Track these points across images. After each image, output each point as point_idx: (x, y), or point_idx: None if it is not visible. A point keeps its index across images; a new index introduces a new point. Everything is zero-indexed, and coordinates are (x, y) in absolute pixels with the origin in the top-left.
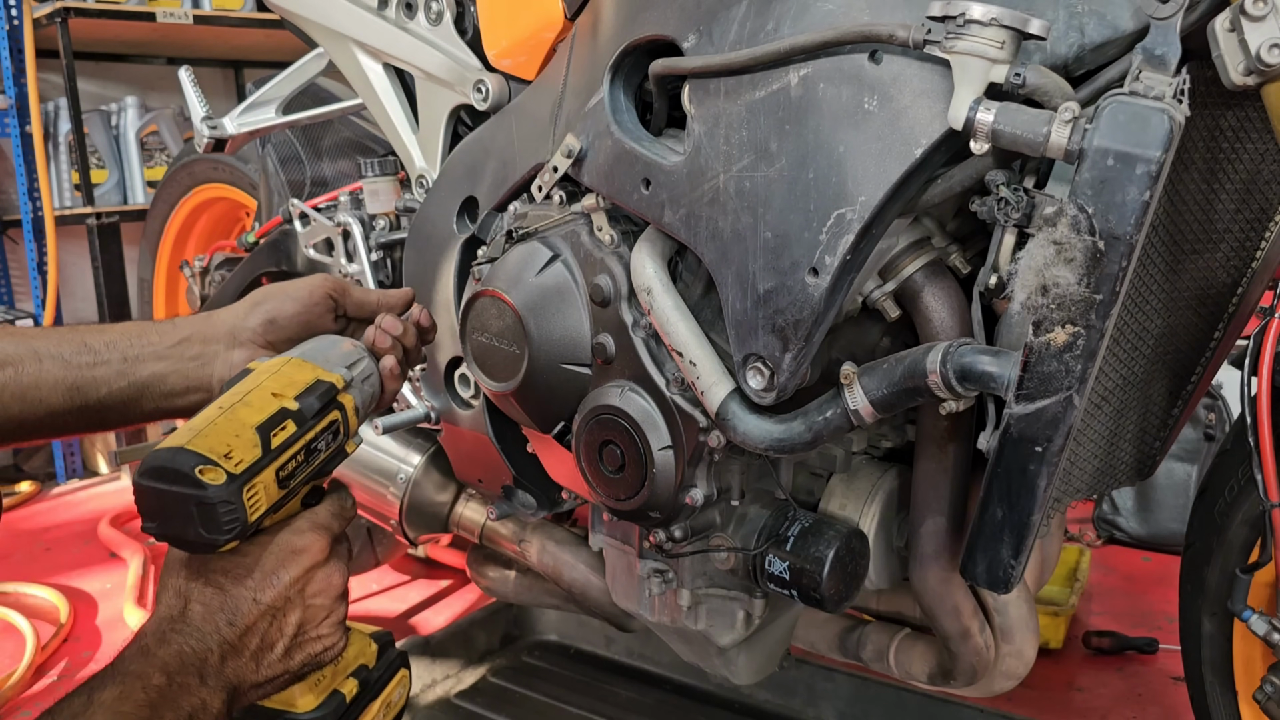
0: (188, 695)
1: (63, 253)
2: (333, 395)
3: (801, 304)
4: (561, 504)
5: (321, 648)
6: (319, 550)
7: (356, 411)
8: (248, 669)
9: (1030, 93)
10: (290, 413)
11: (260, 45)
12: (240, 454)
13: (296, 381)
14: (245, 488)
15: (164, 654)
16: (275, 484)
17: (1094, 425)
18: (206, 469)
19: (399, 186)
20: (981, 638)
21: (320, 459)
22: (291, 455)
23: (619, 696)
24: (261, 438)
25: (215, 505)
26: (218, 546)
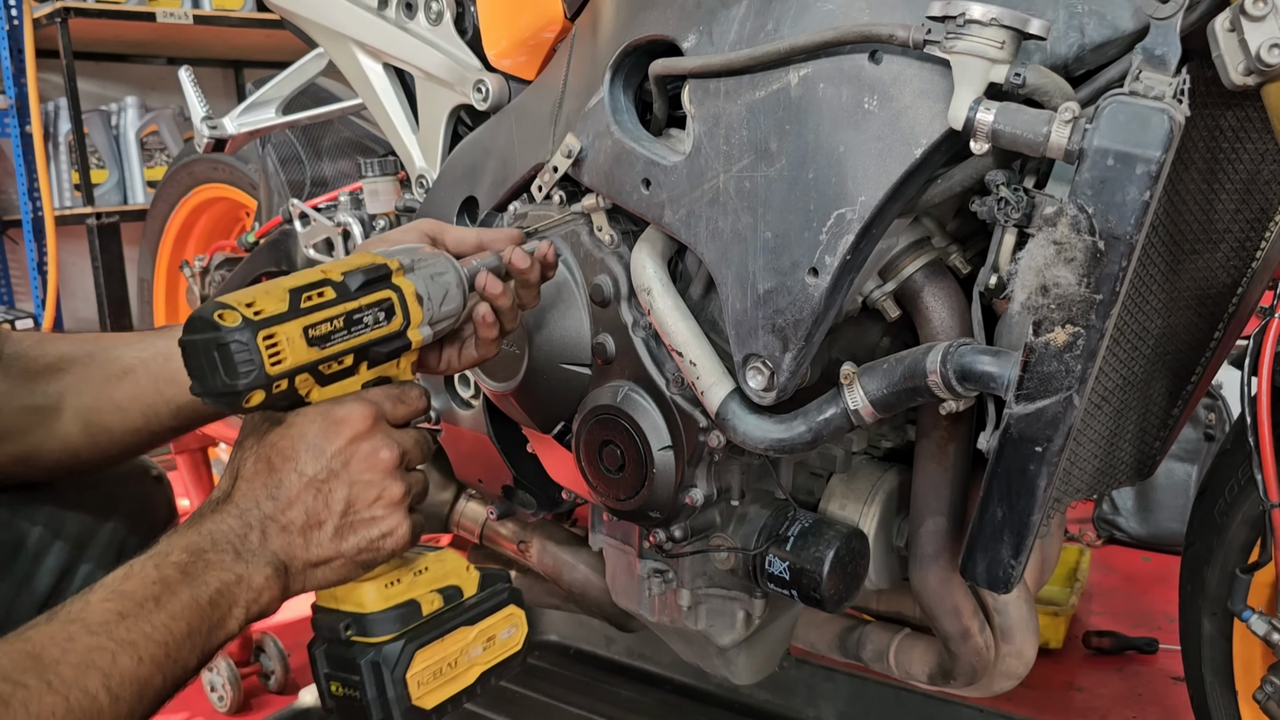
0: (215, 571)
1: (63, 253)
2: (383, 274)
3: (801, 304)
4: (561, 504)
5: (378, 531)
6: (360, 419)
7: (419, 299)
8: (296, 545)
9: (1030, 93)
10: (331, 282)
11: (260, 45)
12: (263, 305)
13: (351, 262)
14: (262, 333)
15: (191, 534)
16: (303, 341)
17: (1094, 425)
18: (226, 313)
19: (399, 186)
20: (981, 638)
21: (368, 334)
22: (325, 318)
23: (619, 696)
24: (291, 296)
25: (229, 345)
26: (240, 394)
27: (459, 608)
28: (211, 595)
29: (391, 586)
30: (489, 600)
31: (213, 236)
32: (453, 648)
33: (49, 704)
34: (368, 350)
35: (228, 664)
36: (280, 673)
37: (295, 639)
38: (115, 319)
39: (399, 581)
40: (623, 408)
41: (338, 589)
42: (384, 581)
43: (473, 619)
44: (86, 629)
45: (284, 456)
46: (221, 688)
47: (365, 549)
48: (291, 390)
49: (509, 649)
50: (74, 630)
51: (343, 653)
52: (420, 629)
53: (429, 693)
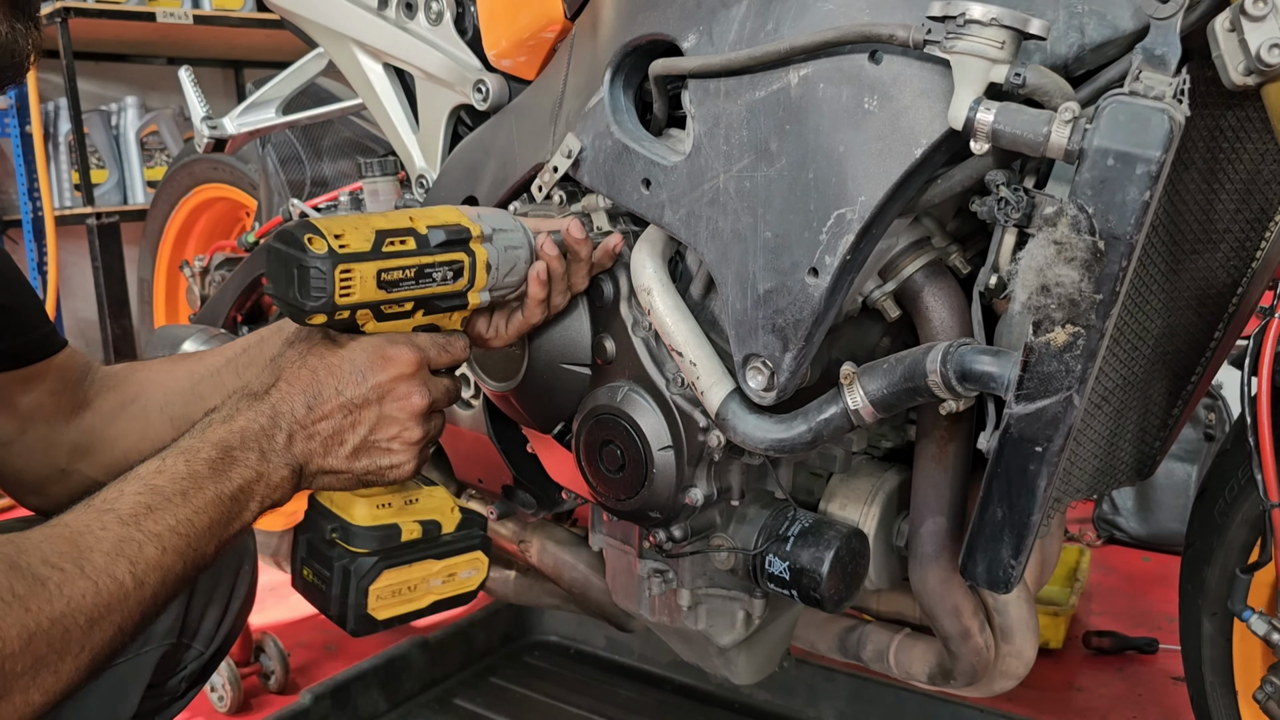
0: (239, 468)
1: (63, 253)
2: (463, 238)
3: (801, 304)
4: (561, 504)
5: (388, 462)
6: (406, 362)
7: (488, 268)
8: (316, 453)
9: (1030, 93)
10: (415, 233)
11: (260, 45)
12: (350, 240)
13: (439, 217)
14: (340, 266)
15: (224, 430)
16: (374, 282)
17: (1094, 425)
18: (315, 238)
19: (399, 186)
20: (981, 638)
21: (433, 289)
22: (400, 266)
23: (619, 696)
24: (376, 238)
25: (309, 269)
26: (305, 312)
27: (433, 541)
28: (234, 491)
29: (381, 508)
30: (461, 541)
31: (213, 236)
32: (416, 574)
33: (81, 587)
34: (428, 301)
35: (228, 664)
36: (280, 673)
37: (295, 639)
38: (115, 319)
39: (389, 505)
40: (623, 408)
41: (335, 494)
42: (376, 502)
43: (441, 554)
44: (119, 519)
45: (330, 372)
46: (221, 688)
47: (372, 472)
48: (351, 320)
49: (465, 587)
50: (107, 520)
51: (324, 549)
52: (394, 551)
53: (384, 607)
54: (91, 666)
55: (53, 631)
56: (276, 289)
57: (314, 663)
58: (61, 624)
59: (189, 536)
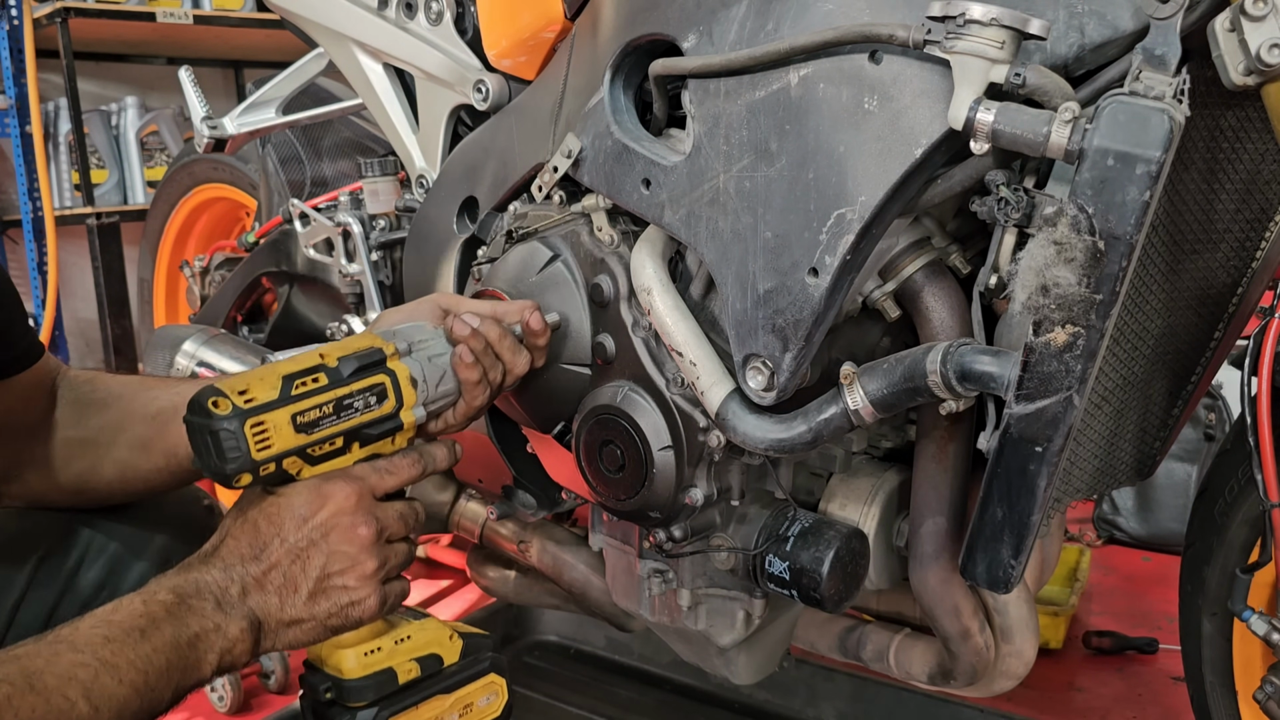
0: (196, 617)
1: (63, 253)
2: (378, 359)
3: (801, 304)
4: (561, 504)
5: (348, 599)
6: (344, 498)
7: (413, 382)
8: (272, 605)
9: (1030, 93)
10: (325, 368)
11: (260, 45)
12: (255, 393)
13: (349, 346)
14: (250, 421)
15: (179, 579)
16: (290, 427)
17: (1094, 425)
18: (220, 400)
19: (399, 186)
20: (981, 638)
21: (358, 418)
22: (315, 405)
23: (619, 696)
24: (283, 384)
25: (219, 433)
26: (228, 476)
27: (437, 676)
28: (190, 637)
29: (370, 655)
30: (469, 669)
31: (213, 236)
32: (427, 715)
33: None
34: (359, 433)
35: None
36: (280, 673)
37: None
38: (115, 319)
39: (379, 650)
40: (623, 408)
41: (323, 649)
42: (363, 649)
43: (450, 687)
44: (72, 647)
45: (270, 522)
46: (221, 688)
47: (335, 614)
48: (280, 471)
49: (488, 715)
50: (60, 648)
51: (322, 711)
52: (395, 697)
53: None
54: None
55: None
56: (201, 461)
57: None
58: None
59: (146, 674)
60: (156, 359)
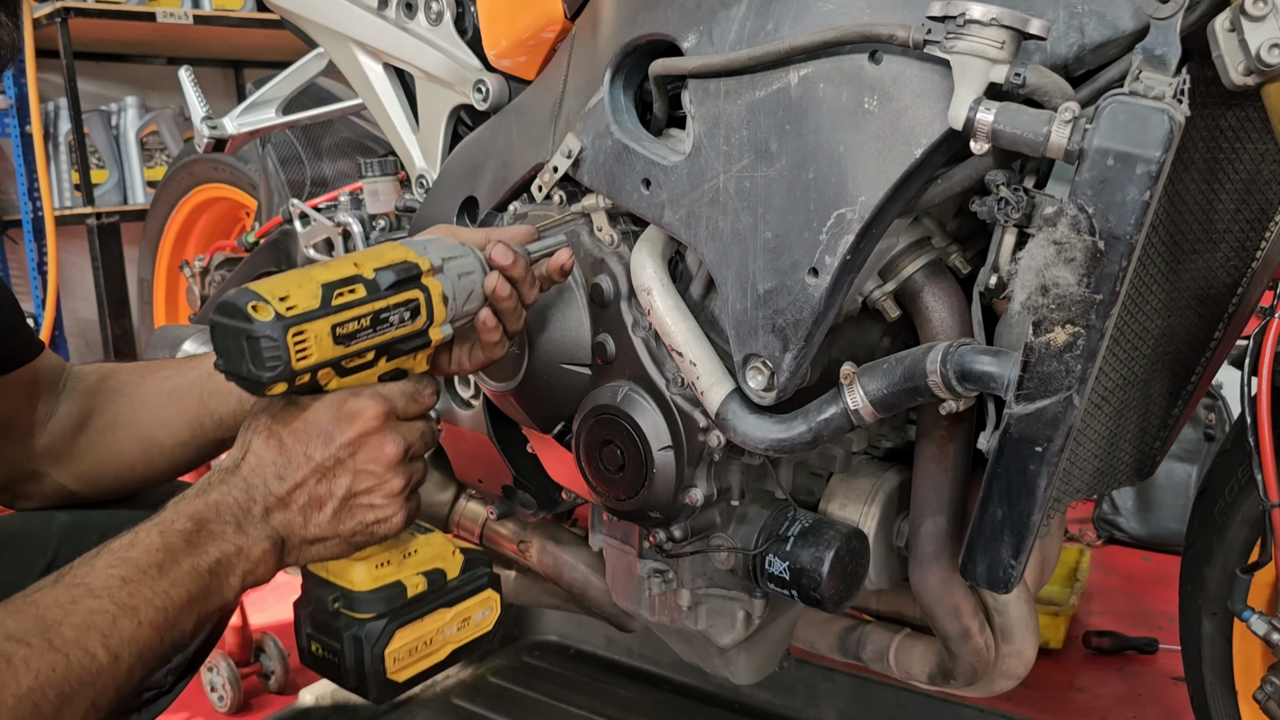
0: (216, 542)
1: (63, 253)
2: (414, 274)
3: (801, 304)
4: (561, 504)
5: (374, 517)
6: (372, 415)
7: (445, 300)
8: (296, 524)
9: (1030, 93)
10: (363, 279)
11: (260, 45)
12: (296, 300)
13: (383, 257)
14: (292, 330)
15: (198, 503)
16: (330, 338)
17: (1094, 425)
18: (259, 306)
19: (399, 186)
20: (981, 638)
21: (392, 333)
22: (354, 317)
23: (619, 696)
24: (324, 293)
25: (259, 340)
26: (263, 384)
27: (441, 590)
28: (211, 564)
29: (381, 568)
30: (469, 584)
31: (213, 236)
32: (430, 627)
33: (49, 661)
34: (389, 346)
35: (228, 664)
36: (280, 673)
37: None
38: (115, 319)
39: (389, 563)
40: (623, 408)
41: (331, 564)
42: (375, 562)
43: (451, 601)
44: (89, 592)
45: (296, 438)
46: (221, 688)
47: (359, 532)
48: (313, 382)
49: (481, 629)
50: (77, 593)
51: (328, 620)
52: (403, 609)
53: (403, 668)
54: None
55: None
56: (229, 365)
57: None
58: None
59: (166, 610)
60: (156, 359)
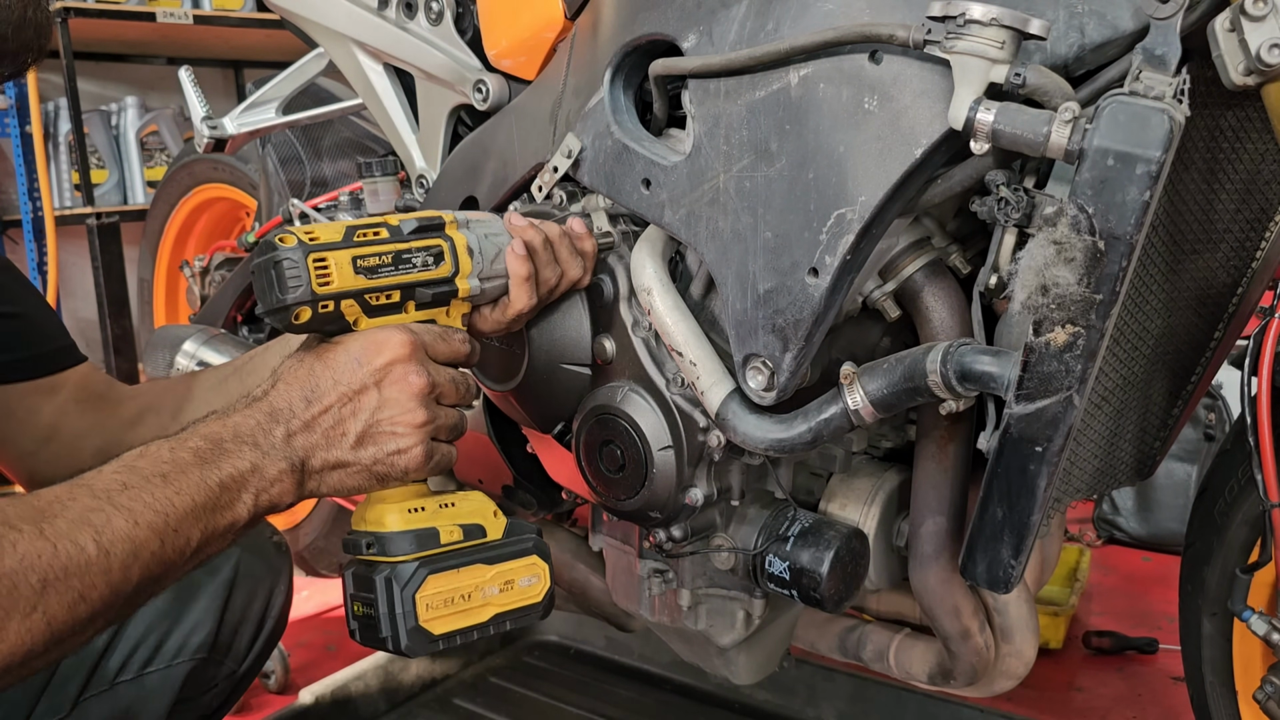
0: (230, 458)
1: (63, 253)
2: (437, 224)
3: (801, 304)
4: (561, 504)
5: (394, 446)
6: (400, 343)
7: (470, 252)
8: (318, 446)
9: (1030, 93)
10: (387, 225)
11: (260, 45)
12: (320, 234)
13: (412, 215)
14: (312, 255)
15: (215, 424)
16: (351, 268)
17: (1094, 425)
18: (285, 236)
19: (399, 186)
20: (981, 638)
21: (415, 274)
22: (375, 253)
23: (619, 696)
24: (347, 231)
25: (281, 263)
26: (288, 308)
27: (480, 546)
28: (222, 479)
29: (415, 513)
30: (512, 545)
31: (213, 236)
32: (467, 581)
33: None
34: (414, 290)
35: None
36: (280, 673)
37: (295, 639)
38: (115, 319)
39: (423, 509)
40: (623, 408)
41: (367, 512)
42: (408, 506)
43: (491, 559)
44: (90, 492)
45: (326, 365)
46: None
47: (380, 460)
48: (338, 313)
49: (528, 598)
50: (78, 492)
51: (364, 572)
52: (437, 556)
53: (438, 618)
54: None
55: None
56: (262, 300)
57: (314, 663)
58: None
59: (167, 515)
60: (156, 359)
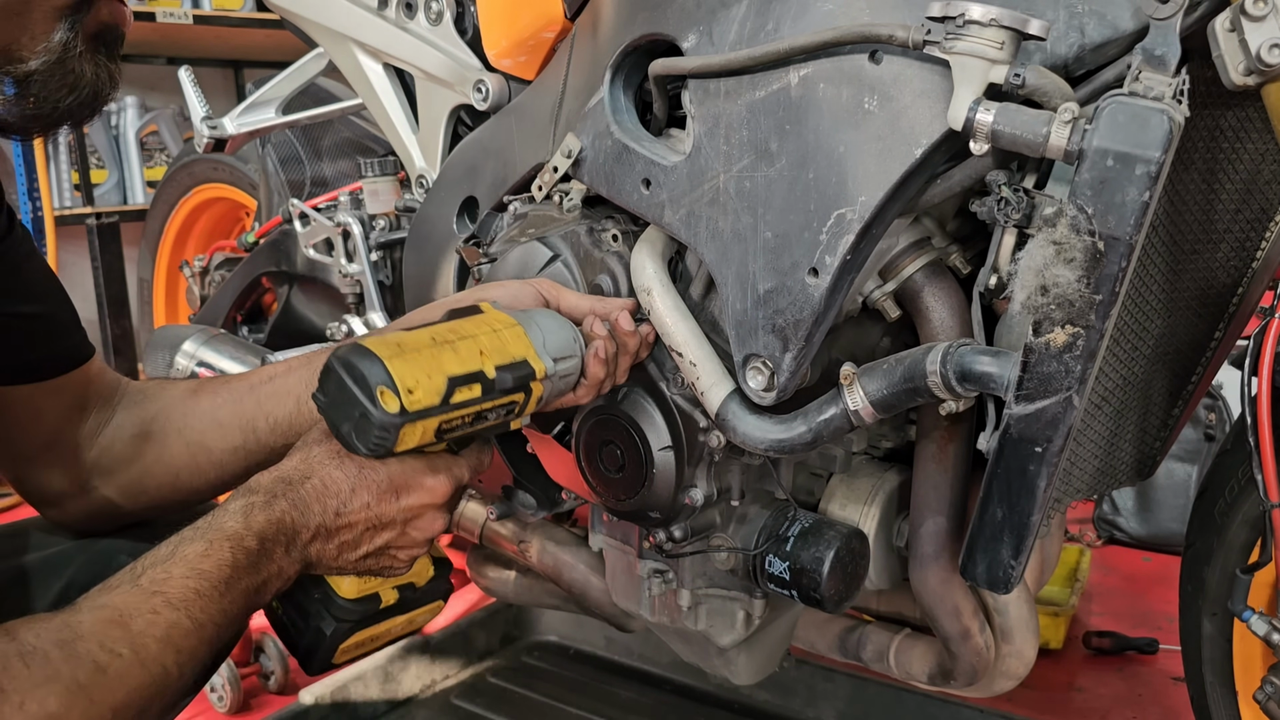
0: (268, 562)
1: (63, 253)
2: (528, 380)
3: (801, 304)
4: (561, 504)
5: (389, 565)
6: (442, 495)
7: (539, 401)
8: (329, 554)
9: (1030, 93)
10: (484, 379)
11: (260, 45)
12: (421, 395)
13: (507, 352)
14: (406, 427)
15: (264, 518)
16: (434, 434)
17: (1094, 425)
18: (387, 393)
19: (399, 186)
20: (982, 638)
21: (484, 425)
22: (461, 415)
23: (619, 697)
24: (447, 389)
25: (374, 426)
26: (355, 452)
27: (404, 602)
28: (259, 584)
29: (367, 581)
30: (428, 595)
31: (213, 236)
32: (382, 629)
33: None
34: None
35: (228, 664)
36: (280, 673)
37: None
38: (115, 319)
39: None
40: (623, 408)
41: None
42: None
43: (408, 608)
44: (169, 603)
45: (364, 483)
46: (221, 688)
47: (371, 572)
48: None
49: (416, 627)
50: (157, 603)
51: (303, 601)
52: (370, 618)
53: (346, 656)
54: None
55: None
56: (330, 415)
57: None
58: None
59: (221, 627)
60: (156, 359)
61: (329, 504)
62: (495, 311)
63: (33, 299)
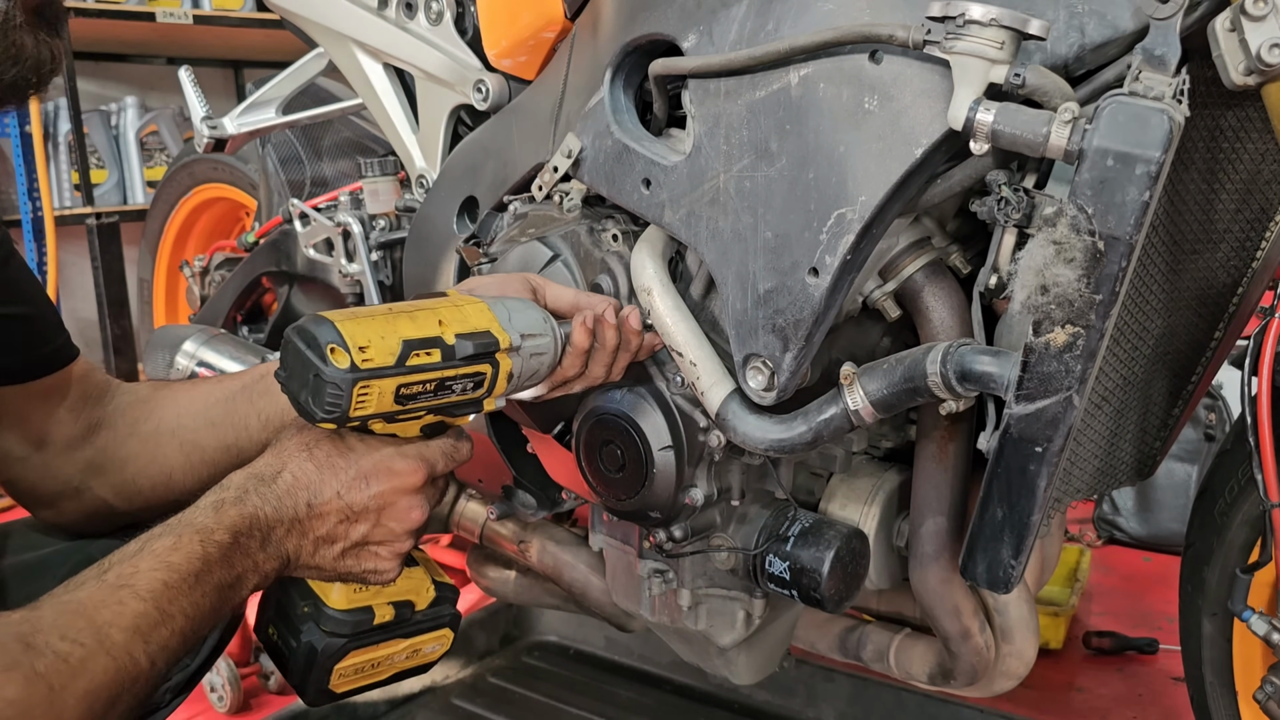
0: (242, 557)
1: (63, 253)
2: (491, 350)
3: (802, 304)
4: (561, 504)
5: (372, 566)
6: (413, 478)
7: (510, 377)
8: (305, 550)
9: (1030, 93)
10: (442, 344)
11: (260, 45)
12: (373, 354)
13: (469, 322)
14: (359, 383)
15: (235, 513)
16: (392, 396)
17: (1094, 425)
18: (338, 350)
19: (399, 186)
20: (982, 638)
21: (450, 399)
22: (420, 380)
23: (619, 697)
24: (402, 350)
25: (325, 384)
26: (314, 420)
27: (405, 621)
28: (233, 579)
29: (358, 592)
30: (431, 620)
31: (213, 236)
32: (382, 653)
33: (103, 664)
34: (442, 409)
35: (228, 664)
36: (280, 673)
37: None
38: (115, 319)
39: (365, 588)
40: (623, 408)
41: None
42: (354, 586)
43: (409, 633)
44: (135, 595)
45: (334, 471)
46: (221, 688)
47: (354, 574)
48: (362, 426)
49: (426, 659)
50: (124, 595)
51: (293, 618)
52: (365, 634)
53: (345, 682)
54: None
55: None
56: (289, 386)
57: None
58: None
59: (193, 619)
60: (156, 359)
61: (300, 496)
62: (460, 294)
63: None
